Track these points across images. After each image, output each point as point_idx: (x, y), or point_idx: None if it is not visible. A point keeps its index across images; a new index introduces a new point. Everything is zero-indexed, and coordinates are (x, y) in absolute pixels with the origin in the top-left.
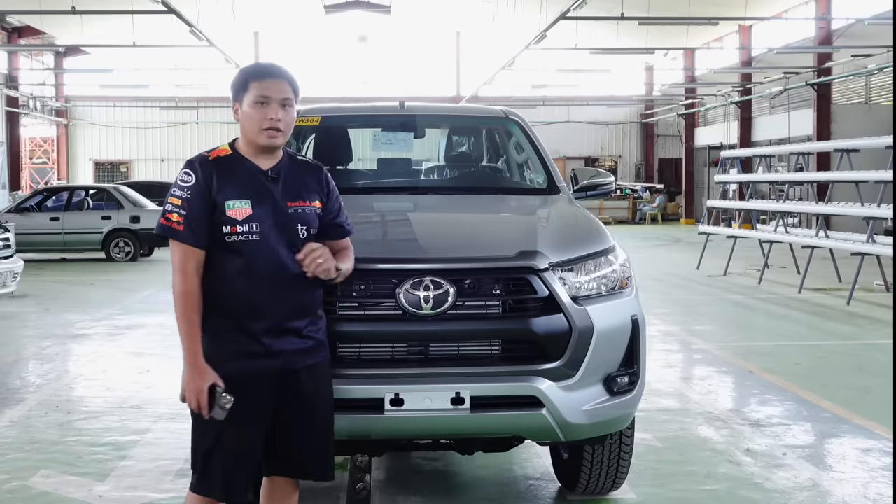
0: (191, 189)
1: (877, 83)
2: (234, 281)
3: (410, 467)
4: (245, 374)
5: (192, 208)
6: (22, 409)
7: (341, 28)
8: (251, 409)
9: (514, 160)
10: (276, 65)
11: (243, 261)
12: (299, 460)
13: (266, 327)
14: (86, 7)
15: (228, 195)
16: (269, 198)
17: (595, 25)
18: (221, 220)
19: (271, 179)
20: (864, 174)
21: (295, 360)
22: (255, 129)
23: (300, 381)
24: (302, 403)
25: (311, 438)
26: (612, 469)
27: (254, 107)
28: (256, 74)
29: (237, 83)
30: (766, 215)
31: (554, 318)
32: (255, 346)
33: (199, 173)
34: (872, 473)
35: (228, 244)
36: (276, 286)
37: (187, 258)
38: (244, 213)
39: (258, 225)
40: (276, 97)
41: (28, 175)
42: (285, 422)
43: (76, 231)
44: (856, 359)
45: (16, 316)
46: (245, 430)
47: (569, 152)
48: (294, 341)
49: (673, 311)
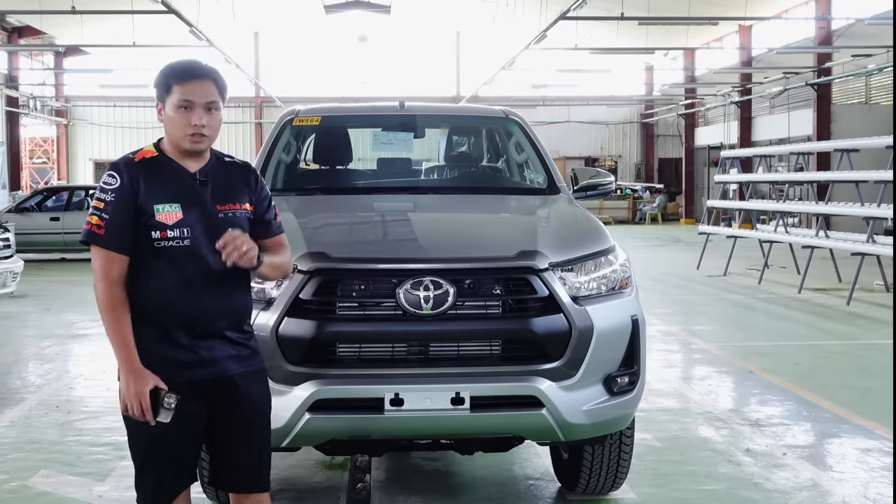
0: (115, 192)
1: (877, 83)
2: (163, 288)
3: (410, 467)
4: (176, 383)
5: (115, 212)
6: (22, 409)
7: (341, 28)
8: (183, 419)
9: (514, 160)
10: (201, 63)
11: (172, 267)
12: (237, 472)
13: (197, 335)
14: (86, 7)
15: (157, 199)
16: (198, 202)
17: (595, 25)
18: (150, 225)
19: (200, 183)
20: (864, 174)
21: (228, 367)
22: (180, 134)
23: (236, 389)
24: (237, 413)
25: (249, 449)
26: (612, 469)
27: (177, 111)
28: (179, 76)
29: (159, 83)
30: (766, 215)
31: (554, 318)
32: (186, 354)
33: (125, 176)
34: (872, 473)
35: (157, 250)
36: (207, 292)
37: (110, 264)
38: (174, 217)
39: (189, 230)
40: (199, 101)
41: (28, 175)
42: (221, 432)
43: (76, 231)
44: (856, 359)
45: (16, 316)
46: (176, 440)
47: (569, 152)
48: (227, 348)
49: (673, 311)
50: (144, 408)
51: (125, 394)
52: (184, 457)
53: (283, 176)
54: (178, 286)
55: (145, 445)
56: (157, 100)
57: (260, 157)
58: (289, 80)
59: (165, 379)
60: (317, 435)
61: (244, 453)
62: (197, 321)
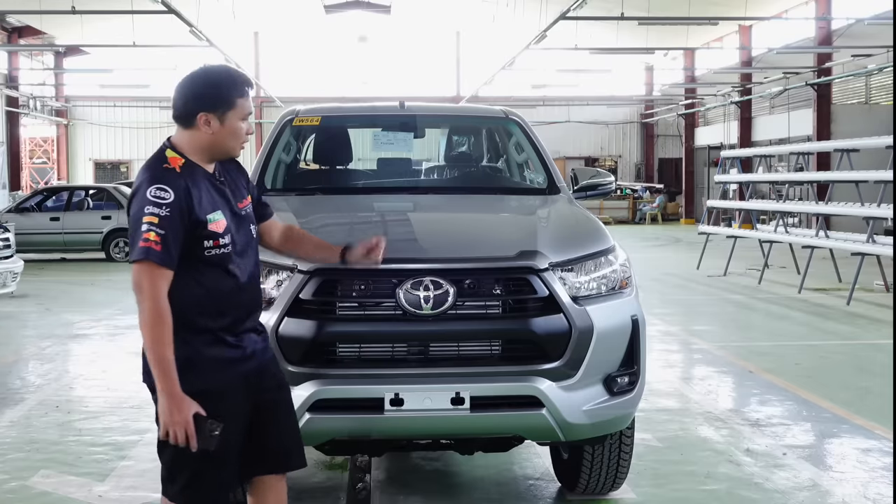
0: (169, 206)
1: (877, 83)
2: (213, 293)
3: (410, 467)
4: (226, 383)
5: (171, 227)
6: (22, 409)
7: (341, 28)
8: (233, 419)
9: (514, 160)
10: (247, 75)
11: (218, 272)
12: (285, 452)
13: (239, 332)
14: (86, 7)
15: (206, 209)
16: (227, 204)
17: (595, 25)
18: (203, 235)
19: (221, 183)
20: (864, 174)
21: (262, 357)
22: (236, 143)
23: (270, 376)
24: (275, 395)
25: (290, 428)
26: (612, 469)
27: (243, 122)
28: (240, 90)
29: (217, 98)
30: (766, 215)
31: (554, 319)
32: (235, 352)
33: (176, 188)
34: (872, 473)
35: (207, 258)
36: (244, 292)
37: (161, 281)
38: (222, 225)
39: (230, 235)
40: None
41: (28, 175)
42: (266, 419)
43: (76, 231)
44: (856, 359)
45: (16, 316)
46: (234, 443)
47: (569, 152)
48: (256, 339)
49: (673, 311)
50: (189, 434)
51: (166, 421)
52: (236, 456)
53: (284, 176)
54: (224, 289)
55: (200, 455)
56: (208, 111)
57: (260, 158)
58: (289, 80)
59: (222, 380)
60: (317, 435)
61: (286, 434)
62: (239, 320)
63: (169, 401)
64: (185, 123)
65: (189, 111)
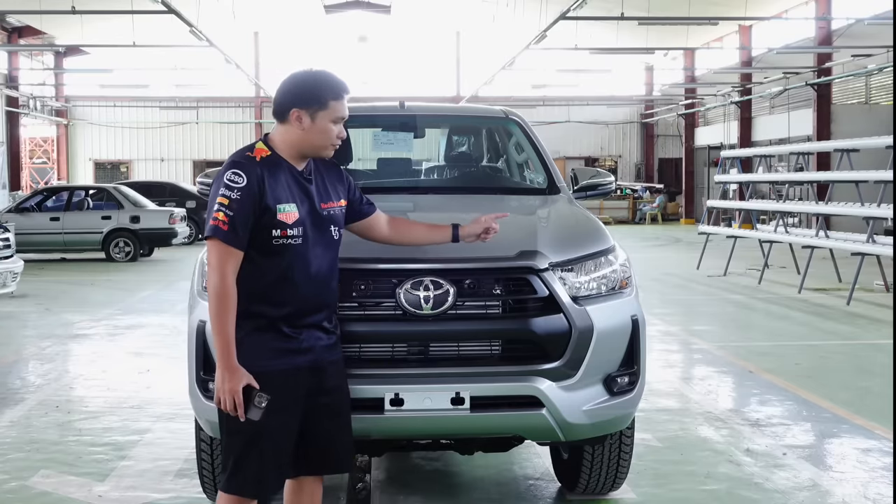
0: (241, 191)
1: (877, 83)
2: (275, 282)
3: (410, 467)
4: (280, 371)
5: (240, 210)
6: (22, 409)
7: (341, 28)
8: (285, 406)
9: (514, 160)
10: (344, 81)
11: (286, 263)
12: (333, 455)
13: (298, 325)
14: (86, 7)
15: (279, 198)
16: (308, 200)
17: (595, 25)
18: (272, 224)
19: (307, 181)
20: (864, 174)
21: (323, 356)
22: (326, 143)
23: (327, 377)
24: (331, 398)
25: (342, 432)
26: (612, 469)
27: (333, 125)
28: (336, 94)
29: (310, 96)
30: (766, 215)
31: (554, 318)
32: (289, 342)
33: (251, 174)
34: (872, 473)
35: (274, 247)
36: (313, 287)
37: (227, 259)
38: (293, 216)
39: (302, 228)
40: (346, 116)
41: (28, 175)
42: (318, 419)
43: (76, 231)
44: (856, 359)
45: (16, 316)
46: (279, 427)
47: (569, 152)
48: (321, 337)
49: (673, 311)
50: (238, 403)
51: (219, 387)
52: (285, 447)
53: None
54: (289, 281)
55: (249, 436)
56: (301, 107)
57: None
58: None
59: (268, 365)
60: None
61: (340, 437)
62: (300, 313)
63: (223, 369)
64: (280, 118)
65: (284, 107)
